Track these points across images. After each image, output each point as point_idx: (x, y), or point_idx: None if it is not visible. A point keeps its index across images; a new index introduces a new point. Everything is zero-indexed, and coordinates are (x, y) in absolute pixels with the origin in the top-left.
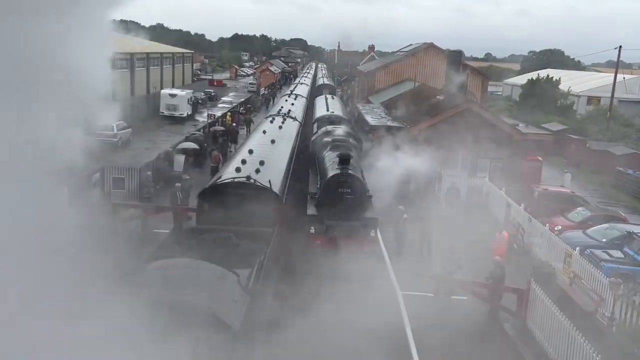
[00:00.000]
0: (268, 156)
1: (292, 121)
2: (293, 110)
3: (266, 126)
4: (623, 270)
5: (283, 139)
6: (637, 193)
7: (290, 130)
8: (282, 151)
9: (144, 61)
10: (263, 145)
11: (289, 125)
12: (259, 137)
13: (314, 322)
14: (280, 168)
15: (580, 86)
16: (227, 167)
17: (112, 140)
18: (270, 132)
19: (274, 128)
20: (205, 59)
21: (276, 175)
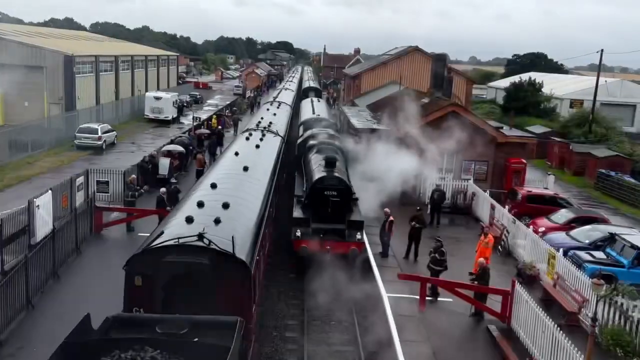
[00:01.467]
0: (237, 193)
1: (273, 137)
2: (275, 122)
3: (240, 145)
4: (605, 271)
5: (259, 165)
6: (619, 195)
7: (269, 151)
8: (257, 184)
9: (129, 64)
10: (232, 174)
11: (268, 143)
12: (229, 162)
13: None
14: (252, 213)
15: (563, 89)
16: (175, 214)
17: (96, 143)
18: (244, 153)
19: (250, 148)
20: (190, 62)
21: (245, 228)
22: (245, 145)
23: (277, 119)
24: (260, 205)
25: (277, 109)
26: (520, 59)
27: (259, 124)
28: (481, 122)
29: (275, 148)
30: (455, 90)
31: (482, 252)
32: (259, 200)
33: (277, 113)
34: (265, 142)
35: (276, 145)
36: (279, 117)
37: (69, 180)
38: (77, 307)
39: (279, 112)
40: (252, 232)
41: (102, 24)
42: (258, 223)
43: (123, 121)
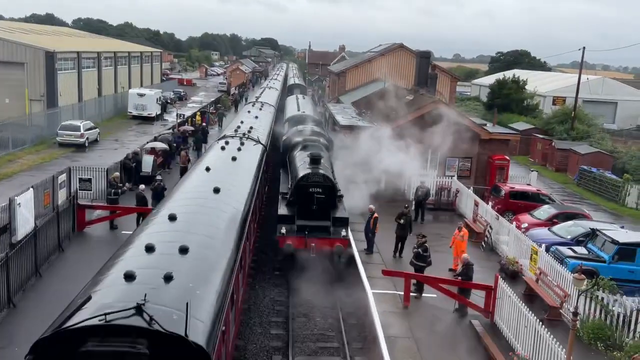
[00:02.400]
0: (202, 228)
1: (254, 145)
2: (256, 126)
3: (214, 156)
4: (587, 266)
5: (235, 185)
6: (600, 191)
7: (249, 163)
8: (230, 211)
9: (112, 60)
10: (200, 198)
11: (248, 154)
12: (197, 181)
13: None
14: (220, 257)
15: (546, 86)
16: (114, 264)
17: (79, 140)
18: (217, 168)
19: (224, 161)
20: (174, 58)
21: (209, 285)
22: (219, 157)
23: (258, 122)
24: (233, 243)
25: (259, 110)
26: (503, 57)
27: (237, 130)
28: (465, 119)
29: (255, 160)
30: (440, 87)
31: (458, 246)
32: (232, 236)
33: (259, 116)
34: (244, 153)
35: (257, 156)
36: (261, 120)
37: (51, 178)
38: (59, 306)
39: (262, 114)
40: (219, 289)
41: (84, 19)
42: (228, 271)
43: (106, 118)
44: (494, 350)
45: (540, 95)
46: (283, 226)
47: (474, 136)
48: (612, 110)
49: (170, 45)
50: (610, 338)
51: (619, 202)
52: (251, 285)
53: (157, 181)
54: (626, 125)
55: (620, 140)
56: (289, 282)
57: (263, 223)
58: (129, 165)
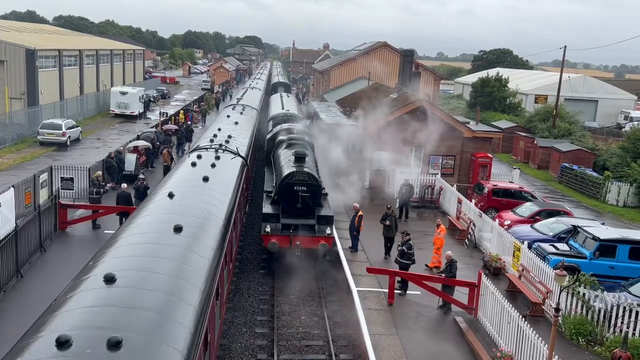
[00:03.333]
0: (149, 294)
1: (232, 159)
2: (236, 135)
3: (181, 176)
4: (568, 263)
5: (206, 218)
6: (581, 188)
7: (224, 185)
8: (194, 262)
9: (94, 58)
10: (154, 239)
11: (223, 171)
12: (156, 213)
13: None
14: (179, 331)
15: (528, 85)
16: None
17: (60, 139)
18: (183, 193)
19: (193, 183)
20: (157, 56)
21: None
22: (187, 178)
23: (239, 130)
24: (195, 312)
25: (240, 115)
26: (486, 55)
27: (213, 139)
28: (448, 117)
29: (232, 178)
30: (423, 85)
31: (435, 242)
32: (194, 300)
33: (240, 121)
34: (219, 170)
35: (234, 174)
36: (242, 126)
37: (32, 177)
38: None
39: (243, 120)
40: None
41: (65, 17)
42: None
43: (88, 116)
44: (478, 346)
45: (523, 93)
46: (268, 224)
47: (457, 134)
48: (593, 108)
49: (153, 43)
50: (592, 333)
51: (599, 199)
52: (235, 284)
53: (139, 180)
54: (607, 123)
55: (601, 137)
56: (274, 280)
57: (244, 234)
58: (111, 164)
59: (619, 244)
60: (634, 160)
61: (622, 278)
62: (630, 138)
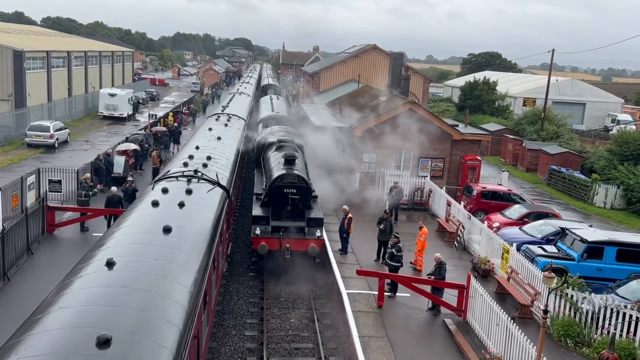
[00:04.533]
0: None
1: (209, 190)
2: (217, 156)
3: (134, 226)
4: (556, 265)
5: (154, 312)
6: (569, 190)
7: (194, 243)
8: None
9: (82, 59)
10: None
11: (195, 212)
12: (77, 300)
13: None
14: None
15: (517, 88)
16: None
17: (48, 141)
18: (129, 258)
19: (151, 236)
20: (146, 58)
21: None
22: (143, 228)
23: (221, 148)
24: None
25: (224, 127)
26: (475, 58)
27: (188, 163)
28: (437, 119)
29: (206, 222)
30: (413, 88)
31: (417, 244)
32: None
33: (224, 136)
34: (190, 210)
35: (211, 214)
36: (226, 142)
37: (19, 180)
38: (28, 311)
39: (227, 133)
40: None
41: (53, 18)
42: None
43: (76, 118)
44: (467, 348)
45: (511, 96)
46: (257, 227)
47: (446, 137)
48: (581, 111)
49: (142, 45)
50: (580, 335)
51: (587, 202)
52: (225, 287)
53: (128, 182)
54: (594, 126)
55: (589, 140)
56: (264, 282)
57: (233, 236)
58: (100, 166)
59: (606, 246)
60: (621, 163)
61: (609, 280)
62: (617, 141)
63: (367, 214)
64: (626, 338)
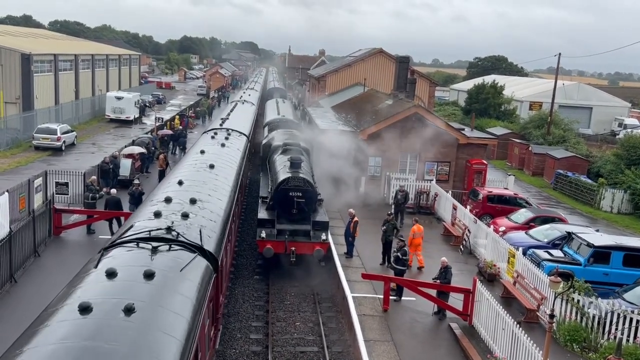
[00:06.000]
0: None
1: (182, 269)
2: (205, 194)
3: (74, 319)
4: (563, 269)
5: None
6: (576, 194)
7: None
8: None
9: (89, 62)
10: None
11: (168, 295)
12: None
13: None
14: None
15: (523, 92)
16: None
17: (55, 144)
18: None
19: (100, 332)
20: (153, 61)
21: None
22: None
23: (214, 180)
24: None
25: (220, 148)
26: (481, 62)
27: (161, 212)
28: (443, 123)
29: (181, 329)
30: (418, 92)
31: (414, 241)
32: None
33: (218, 162)
34: (144, 320)
35: (182, 322)
36: (221, 172)
37: (26, 182)
38: (35, 312)
39: (224, 157)
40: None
41: (61, 22)
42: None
43: (83, 121)
44: (472, 352)
45: (517, 100)
46: (263, 230)
47: (452, 141)
48: (587, 115)
49: (149, 48)
50: (586, 340)
51: (594, 206)
52: (230, 289)
53: (134, 185)
54: (601, 130)
55: (595, 144)
56: (269, 286)
57: (239, 239)
58: (106, 169)
59: (613, 250)
60: (628, 167)
61: (616, 285)
62: (624, 145)
63: (373, 218)
64: (633, 343)
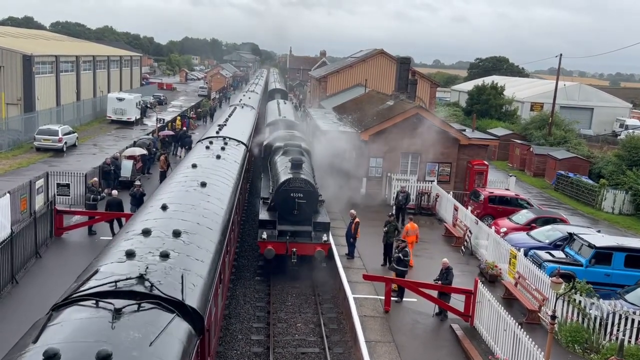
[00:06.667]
0: None
1: (157, 341)
2: (193, 224)
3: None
4: (564, 270)
5: None
6: (577, 195)
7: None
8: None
9: (90, 64)
10: None
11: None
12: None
13: None
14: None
15: (524, 92)
16: None
17: (57, 145)
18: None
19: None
20: (154, 62)
21: None
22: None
23: (204, 202)
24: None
25: (216, 160)
26: (482, 63)
27: (135, 252)
28: (444, 124)
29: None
30: (420, 93)
31: (409, 238)
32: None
33: (211, 179)
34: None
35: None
36: (214, 191)
37: (28, 183)
38: (36, 314)
39: (219, 172)
40: None
41: (62, 23)
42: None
43: (84, 122)
44: (474, 353)
45: (519, 101)
46: (264, 231)
47: (453, 141)
48: (589, 116)
49: (150, 49)
50: (588, 341)
51: (595, 207)
52: (232, 290)
53: (135, 186)
54: (602, 131)
55: (596, 145)
56: (271, 287)
57: (240, 240)
58: (107, 170)
59: (614, 251)
60: (629, 168)
61: (617, 286)
62: (625, 146)
63: (374, 219)
64: (635, 344)
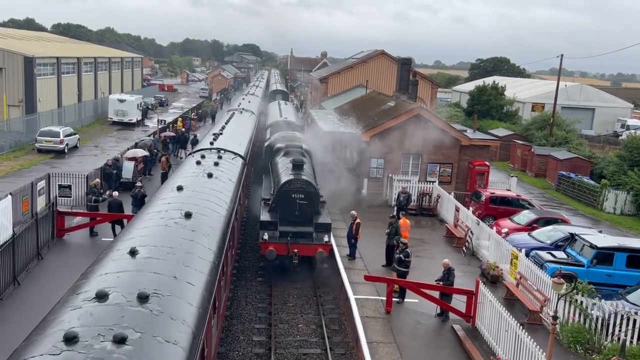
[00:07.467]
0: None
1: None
2: (182, 258)
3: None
4: (566, 271)
5: None
6: (578, 196)
7: None
8: None
9: (92, 65)
10: None
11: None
12: None
13: None
14: None
15: (525, 93)
16: None
17: (58, 146)
18: None
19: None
20: (155, 64)
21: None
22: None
23: (190, 237)
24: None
25: (207, 179)
26: (483, 64)
27: (102, 297)
28: (445, 125)
29: None
30: (420, 93)
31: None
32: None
33: (199, 206)
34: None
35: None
36: (203, 224)
37: (29, 185)
38: (38, 315)
39: (212, 190)
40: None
41: (64, 25)
42: None
43: (86, 124)
44: (475, 354)
45: (520, 101)
46: (265, 232)
47: (454, 142)
48: (590, 116)
49: (151, 51)
50: (589, 341)
51: (597, 207)
52: (233, 291)
53: (137, 188)
54: (603, 131)
55: (598, 146)
56: (272, 288)
57: (242, 241)
58: (109, 172)
59: (616, 252)
60: (631, 169)
61: (619, 286)
62: (627, 146)
63: (375, 220)
64: (637, 345)
